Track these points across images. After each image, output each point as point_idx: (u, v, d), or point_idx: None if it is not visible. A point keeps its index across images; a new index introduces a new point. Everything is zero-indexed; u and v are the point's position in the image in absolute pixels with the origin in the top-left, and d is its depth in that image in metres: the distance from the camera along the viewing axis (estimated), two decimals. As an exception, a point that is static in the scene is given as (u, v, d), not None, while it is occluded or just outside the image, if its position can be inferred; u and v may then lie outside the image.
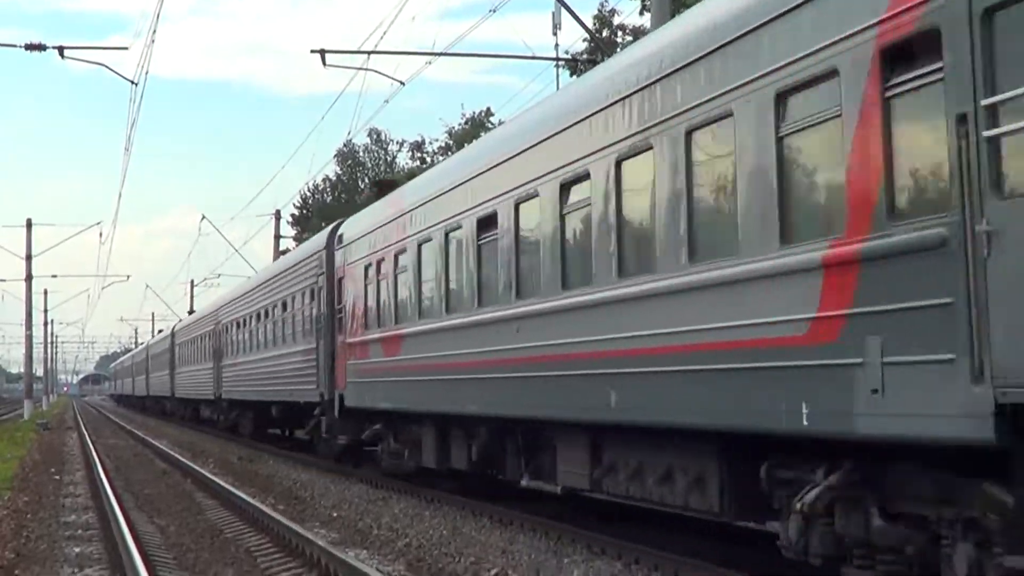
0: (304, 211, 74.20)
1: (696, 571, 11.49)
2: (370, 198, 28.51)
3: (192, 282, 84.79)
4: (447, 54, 28.57)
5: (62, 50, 30.54)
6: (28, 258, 67.76)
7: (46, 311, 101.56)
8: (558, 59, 31.02)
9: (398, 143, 74.67)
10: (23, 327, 72.72)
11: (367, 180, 71.75)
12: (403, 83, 29.79)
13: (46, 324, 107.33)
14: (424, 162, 62.88)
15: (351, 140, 56.36)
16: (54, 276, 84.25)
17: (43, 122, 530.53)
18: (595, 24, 38.74)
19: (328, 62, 26.69)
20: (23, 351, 76.77)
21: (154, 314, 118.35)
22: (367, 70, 28.44)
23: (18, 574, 13.10)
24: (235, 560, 13.89)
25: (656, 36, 12.53)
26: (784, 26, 9.10)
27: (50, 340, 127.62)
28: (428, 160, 62.21)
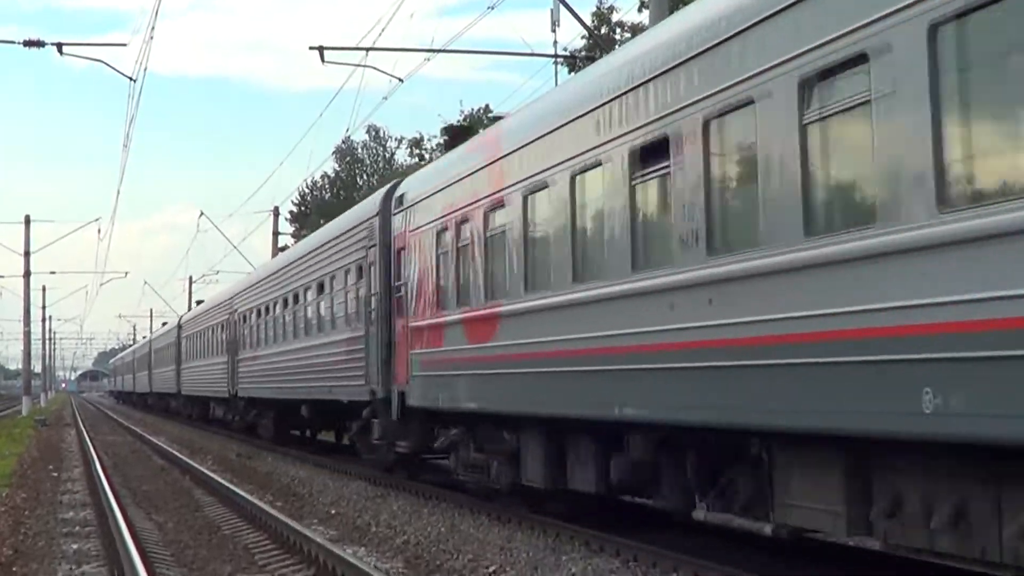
0: (303, 208, 74.20)
1: (694, 569, 11.48)
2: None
3: (191, 278, 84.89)
4: (445, 51, 28.62)
5: (61, 46, 30.57)
6: (26, 254, 67.88)
7: (44, 307, 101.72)
8: (556, 56, 30.97)
9: (397, 140, 74.71)
10: (21, 323, 72.99)
11: (366, 177, 71.81)
12: (402, 80, 29.77)
13: (44, 320, 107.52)
14: (423, 159, 62.78)
15: (350, 137, 56.40)
16: (52, 272, 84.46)
17: (42, 118, 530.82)
18: (593, 21, 38.73)
19: (327, 59, 26.80)
20: (21, 347, 77.01)
21: (152, 310, 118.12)
22: (366, 67, 28.57)
23: (16, 570, 13.10)
24: (233, 557, 13.89)
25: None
26: None
27: (48, 336, 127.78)
28: (427, 157, 62.08)
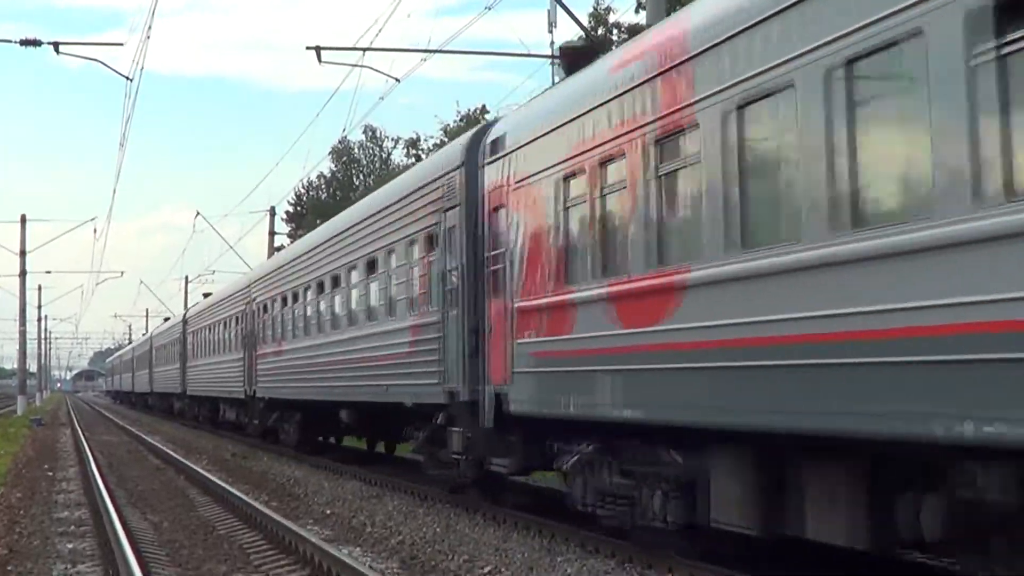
0: (299, 208, 74.10)
1: (689, 570, 11.48)
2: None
3: (187, 278, 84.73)
4: (442, 51, 28.60)
5: (57, 46, 30.51)
6: (22, 254, 67.84)
7: (40, 307, 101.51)
8: (553, 57, 30.92)
9: (393, 140, 74.58)
10: (17, 323, 72.89)
11: (362, 177, 71.74)
12: (398, 80, 29.69)
13: (40, 320, 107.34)
14: (419, 159, 62.75)
15: (346, 137, 56.14)
16: (48, 272, 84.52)
17: (38, 118, 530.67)
18: (590, 22, 38.67)
19: (323, 59, 26.78)
20: (16, 347, 76.96)
21: (148, 310, 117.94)
22: (362, 67, 28.53)
23: (11, 570, 13.08)
24: (228, 557, 13.88)
25: None
26: None
27: (44, 336, 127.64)
28: (423, 157, 62.07)
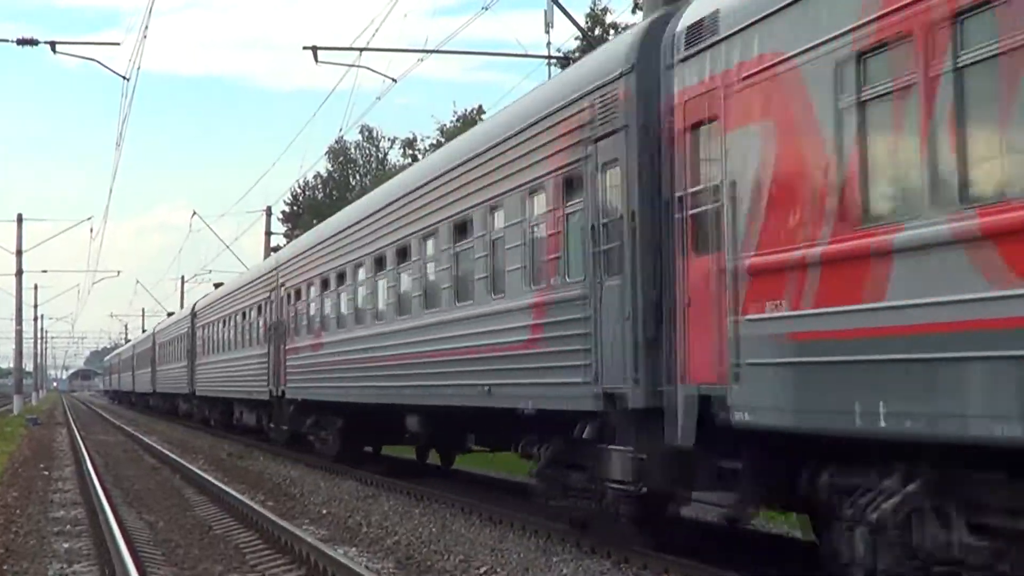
0: (295, 208, 74.09)
1: (685, 570, 11.50)
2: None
3: (183, 278, 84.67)
4: (439, 51, 28.56)
5: (54, 45, 30.46)
6: (18, 253, 67.84)
7: (36, 306, 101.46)
8: (550, 57, 30.95)
9: (390, 140, 74.55)
10: (13, 322, 72.85)
11: (358, 177, 71.73)
12: (395, 80, 29.57)
13: (36, 319, 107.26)
14: (416, 159, 62.76)
15: (342, 137, 56.07)
16: (44, 271, 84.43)
17: (34, 117, 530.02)
18: (587, 22, 38.70)
19: (320, 59, 26.75)
20: (12, 346, 76.92)
21: (144, 310, 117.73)
22: (359, 67, 28.52)
23: (7, 569, 13.09)
24: (224, 556, 13.89)
25: None
26: None
27: (40, 335, 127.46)
28: (420, 158, 62.06)
